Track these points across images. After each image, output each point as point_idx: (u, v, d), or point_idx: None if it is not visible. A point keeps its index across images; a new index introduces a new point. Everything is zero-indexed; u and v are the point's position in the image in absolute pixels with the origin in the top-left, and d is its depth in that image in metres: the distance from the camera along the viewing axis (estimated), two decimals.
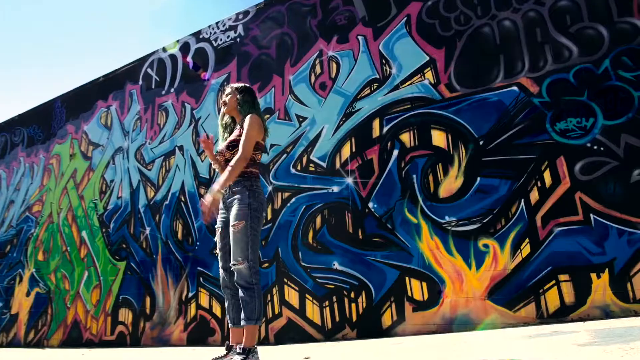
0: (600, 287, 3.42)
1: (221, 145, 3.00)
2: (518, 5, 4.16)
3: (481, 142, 4.08)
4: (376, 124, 4.65)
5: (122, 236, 6.18)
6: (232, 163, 2.74)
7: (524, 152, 3.88)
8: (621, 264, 3.39)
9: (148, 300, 5.71)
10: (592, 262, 3.48)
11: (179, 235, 5.66)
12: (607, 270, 3.42)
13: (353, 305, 4.36)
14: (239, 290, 2.63)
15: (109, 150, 6.76)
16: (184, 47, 6.34)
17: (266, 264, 4.94)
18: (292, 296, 4.71)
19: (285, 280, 4.78)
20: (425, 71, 4.49)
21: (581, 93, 3.76)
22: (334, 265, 4.54)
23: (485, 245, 3.88)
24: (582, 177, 3.62)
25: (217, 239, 2.87)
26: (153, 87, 6.52)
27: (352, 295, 4.38)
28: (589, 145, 3.65)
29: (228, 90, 3.06)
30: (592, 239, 3.51)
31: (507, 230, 3.82)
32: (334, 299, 4.47)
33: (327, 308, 4.48)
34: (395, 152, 4.47)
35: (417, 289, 4.09)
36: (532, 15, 4.09)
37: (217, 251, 2.87)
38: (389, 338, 4.01)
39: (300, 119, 5.14)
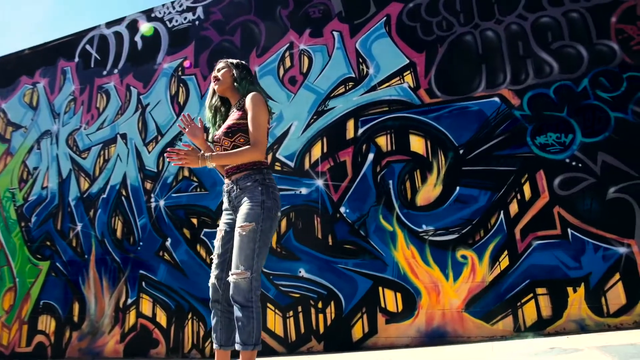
0: (576, 301, 3.47)
1: (215, 132, 2.58)
2: (501, 17, 4.16)
3: (461, 151, 4.01)
4: (350, 124, 4.43)
5: (46, 232, 5.39)
6: (235, 151, 2.32)
7: (504, 163, 3.87)
8: (596, 279, 3.46)
9: (76, 306, 5.01)
10: (569, 276, 3.52)
11: (118, 234, 5.04)
12: (583, 284, 3.47)
13: (320, 316, 4.09)
14: (234, 307, 2.23)
15: (33, 133, 5.90)
16: (132, 25, 5.70)
17: None
18: None
19: None
20: (404, 74, 4.36)
21: (561, 109, 3.82)
22: (300, 272, 4.24)
23: (464, 256, 3.81)
24: (561, 192, 3.67)
25: (216, 243, 2.44)
26: (92, 65, 5.79)
27: (320, 305, 4.11)
28: (567, 160, 3.71)
29: (221, 64, 2.62)
30: (569, 254, 3.56)
31: (486, 242, 3.77)
32: (299, 309, 4.17)
33: (292, 319, 4.17)
34: (371, 156, 4.28)
35: (391, 300, 3.92)
36: (514, 28, 4.11)
37: (214, 257, 2.46)
38: (360, 352, 3.80)
39: None
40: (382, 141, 4.28)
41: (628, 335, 3.02)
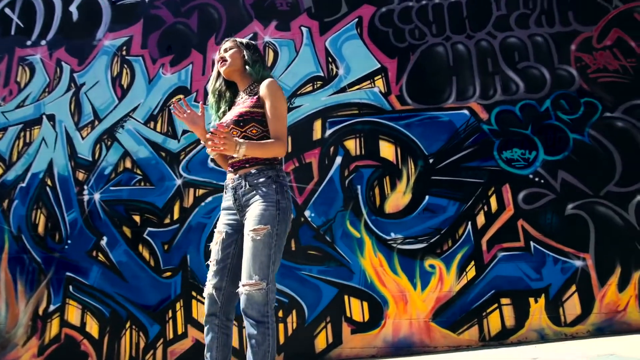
0: (537, 311, 3.61)
1: (224, 118, 2.27)
2: (472, 32, 4.27)
3: (431, 160, 4.03)
4: (318, 125, 4.26)
5: None
6: (263, 142, 2.06)
7: (472, 175, 3.94)
8: (555, 290, 3.64)
9: None
10: (531, 287, 3.66)
11: (40, 229, 4.34)
12: (543, 295, 3.63)
13: (281, 325, 3.85)
14: (247, 323, 1.96)
15: None
16: None
17: (168, 273, 4.08)
18: (202, 313, 3.95)
19: (194, 293, 4.01)
20: (375, 78, 4.29)
21: (526, 127, 3.99)
22: None
23: (432, 266, 3.80)
24: (525, 206, 3.82)
25: (214, 247, 2.14)
26: (12, 33, 4.98)
27: (280, 314, 3.87)
28: (531, 176, 3.88)
29: (228, 44, 2.33)
30: (531, 265, 3.70)
31: (454, 252, 3.81)
32: None
33: None
34: (339, 159, 4.14)
35: (357, 309, 3.79)
36: (484, 45, 4.23)
37: (211, 264, 2.14)
38: None
39: None
40: (351, 145, 4.16)
41: (587, 344, 3.19)
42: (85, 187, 4.37)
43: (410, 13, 4.40)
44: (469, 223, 3.85)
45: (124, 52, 4.71)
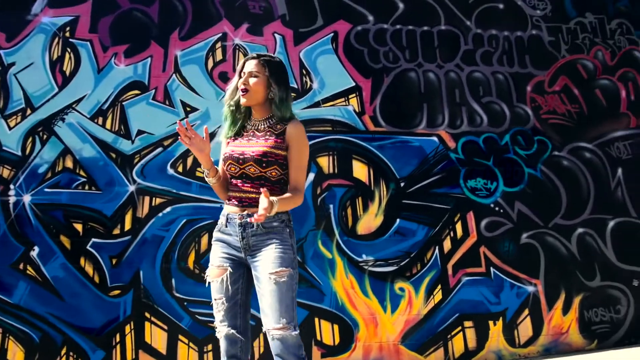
0: (496, 333, 3.85)
1: (236, 148, 2.10)
2: (442, 62, 4.44)
3: (402, 184, 4.10)
4: None
5: None
6: (289, 196, 2.02)
7: (440, 201, 4.09)
8: (511, 314, 3.91)
9: None
10: (491, 311, 3.89)
11: None
12: (501, 318, 3.88)
13: None
14: None
15: None
16: None
17: (116, 291, 3.61)
18: (157, 337, 3.57)
19: (148, 314, 3.59)
20: (350, 96, 4.26)
21: (488, 158, 4.24)
22: None
23: (401, 289, 3.86)
24: (486, 234, 4.05)
25: (218, 283, 2.04)
26: None
27: None
28: (492, 205, 4.13)
29: (253, 66, 2.14)
30: (491, 290, 3.93)
31: (422, 276, 3.90)
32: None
33: (210, 353, 3.58)
34: (312, 176, 4.02)
35: (327, 332, 3.70)
36: (453, 76, 4.42)
37: (218, 302, 2.00)
38: None
39: (188, 109, 4.07)
40: (324, 162, 4.07)
41: None
42: (12, 186, 3.71)
43: (385, 35, 4.45)
44: (437, 248, 3.98)
45: (67, 34, 4.10)
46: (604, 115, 4.49)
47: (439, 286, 3.89)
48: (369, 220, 3.99)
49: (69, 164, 3.82)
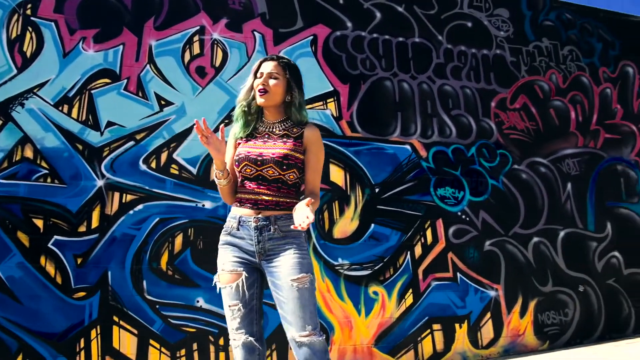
0: (461, 335, 4.03)
1: (251, 149, 2.05)
2: (415, 74, 4.59)
3: (377, 190, 4.18)
4: None
5: None
6: (315, 202, 1.98)
7: (412, 208, 4.22)
8: (475, 317, 4.12)
9: None
10: (457, 314, 4.07)
11: None
12: (466, 321, 4.07)
13: (222, 354, 3.51)
14: None
15: None
16: None
17: (81, 293, 3.36)
18: (125, 342, 3.36)
19: (116, 318, 3.38)
20: (328, 100, 4.28)
21: (456, 168, 4.44)
22: (197, 302, 3.55)
23: (375, 293, 3.93)
24: (454, 240, 4.24)
25: (232, 289, 1.96)
26: None
27: (222, 341, 3.52)
28: (459, 214, 4.33)
29: (274, 68, 2.07)
30: (457, 294, 4.12)
31: (395, 280, 4.00)
32: (195, 346, 3.47)
33: (183, 359, 3.43)
34: None
35: None
36: (425, 87, 4.59)
37: (233, 309, 1.94)
38: None
39: (163, 102, 3.89)
40: None
41: None
42: None
43: (363, 43, 4.52)
44: (408, 253, 4.10)
45: (28, 11, 3.76)
46: (556, 133, 4.87)
47: (410, 290, 4.02)
48: (345, 224, 4.03)
49: (29, 153, 3.50)
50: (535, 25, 5.16)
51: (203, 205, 3.75)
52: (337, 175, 4.11)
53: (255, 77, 2.13)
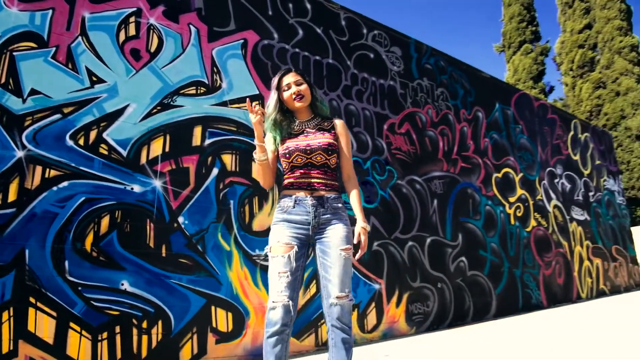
0: (353, 322, 4.65)
1: (295, 143, 2.38)
2: (328, 91, 5.18)
3: None
4: (198, 131, 4.19)
5: None
6: (358, 194, 2.48)
7: None
8: (363, 306, 4.79)
9: None
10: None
11: None
12: (356, 309, 4.72)
13: (145, 337, 3.53)
14: (339, 331, 2.18)
15: None
16: None
17: None
18: (43, 324, 3.17)
19: (33, 299, 3.17)
20: (254, 103, 4.57)
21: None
22: (122, 285, 3.52)
23: None
24: None
25: (284, 258, 2.23)
26: None
27: (145, 324, 3.55)
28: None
29: (297, 77, 2.45)
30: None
31: None
32: (117, 329, 3.43)
33: (105, 342, 3.37)
34: (216, 171, 4.19)
35: (222, 319, 3.90)
36: (335, 104, 5.20)
37: (284, 275, 2.20)
38: None
39: (95, 79, 3.77)
40: (228, 159, 4.29)
41: (386, 346, 4.44)
42: None
43: (286, 55, 4.95)
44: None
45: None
46: (429, 158, 5.92)
47: (314, 281, 4.52)
48: (263, 218, 4.36)
49: None
50: (419, 66, 6.20)
51: (132, 189, 3.73)
52: None
53: (278, 90, 2.44)
